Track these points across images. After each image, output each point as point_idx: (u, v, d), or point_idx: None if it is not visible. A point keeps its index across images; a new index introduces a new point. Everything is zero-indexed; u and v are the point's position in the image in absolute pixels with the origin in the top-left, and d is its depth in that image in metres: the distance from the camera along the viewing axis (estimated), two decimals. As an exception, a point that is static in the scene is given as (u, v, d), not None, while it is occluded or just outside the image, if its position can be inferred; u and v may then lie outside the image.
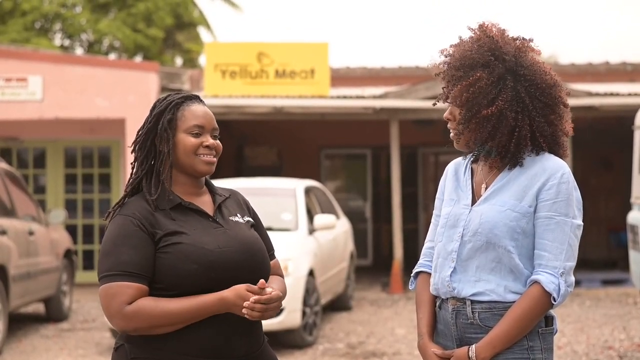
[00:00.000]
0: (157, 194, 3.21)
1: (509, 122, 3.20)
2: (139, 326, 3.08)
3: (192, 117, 3.27)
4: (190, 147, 3.24)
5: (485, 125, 3.22)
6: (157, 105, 3.32)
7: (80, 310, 13.42)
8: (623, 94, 15.00)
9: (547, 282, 3.13)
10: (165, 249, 3.13)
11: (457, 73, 3.27)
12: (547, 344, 3.24)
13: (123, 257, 3.10)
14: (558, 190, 3.18)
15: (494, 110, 3.20)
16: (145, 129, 3.29)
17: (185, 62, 30.84)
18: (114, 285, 3.09)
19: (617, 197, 18.51)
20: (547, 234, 3.17)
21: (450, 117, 3.32)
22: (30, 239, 11.37)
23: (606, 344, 10.21)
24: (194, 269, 3.11)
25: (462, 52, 3.29)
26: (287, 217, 11.39)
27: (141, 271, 3.10)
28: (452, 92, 3.29)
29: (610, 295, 14.26)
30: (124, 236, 3.13)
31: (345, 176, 20.48)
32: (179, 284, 3.11)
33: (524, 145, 3.22)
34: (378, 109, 14.95)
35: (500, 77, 3.23)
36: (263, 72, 15.79)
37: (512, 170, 3.26)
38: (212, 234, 3.21)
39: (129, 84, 15.33)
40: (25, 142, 16.80)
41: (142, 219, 3.15)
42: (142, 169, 3.28)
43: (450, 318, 3.29)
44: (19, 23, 26.74)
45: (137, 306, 3.06)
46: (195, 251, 3.13)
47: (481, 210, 3.25)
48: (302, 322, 10.27)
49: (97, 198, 16.81)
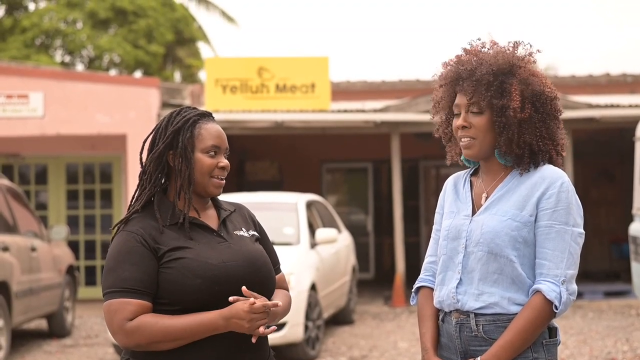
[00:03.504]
0: (167, 211, 3.22)
1: (535, 127, 3.22)
2: (140, 342, 3.08)
3: (210, 136, 3.26)
4: (207, 167, 3.23)
5: (513, 129, 3.23)
6: (172, 120, 3.28)
7: (82, 326, 13.42)
8: (624, 106, 15.01)
9: (549, 290, 3.13)
10: (169, 264, 3.13)
11: (487, 78, 3.26)
12: (551, 356, 3.24)
13: (124, 274, 3.11)
14: (558, 198, 3.19)
15: (526, 115, 3.22)
16: (162, 145, 3.24)
17: (185, 77, 30.91)
18: (114, 302, 3.10)
19: (619, 209, 18.52)
20: (547, 243, 3.18)
21: (467, 124, 3.29)
22: (33, 255, 11.37)
23: (609, 355, 10.20)
24: (197, 284, 3.11)
25: (485, 58, 3.31)
26: (289, 232, 11.39)
27: (142, 287, 3.10)
28: (473, 98, 3.27)
29: (612, 307, 14.25)
30: (126, 252, 3.14)
31: (347, 190, 20.48)
32: (182, 299, 3.11)
33: (543, 151, 3.25)
34: (379, 122, 14.97)
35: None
36: (264, 87, 15.81)
37: (512, 181, 3.27)
38: (216, 248, 3.21)
39: (130, 99, 15.36)
40: (27, 159, 16.82)
41: (144, 235, 3.15)
42: (155, 185, 3.26)
43: (454, 331, 3.30)
44: (19, 40, 26.82)
45: (138, 322, 3.07)
46: (199, 266, 3.13)
47: (482, 220, 3.26)
48: (304, 336, 10.27)
49: (99, 214, 16.82)
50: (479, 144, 3.29)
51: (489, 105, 3.25)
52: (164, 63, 29.95)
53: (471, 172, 3.45)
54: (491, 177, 3.34)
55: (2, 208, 11.05)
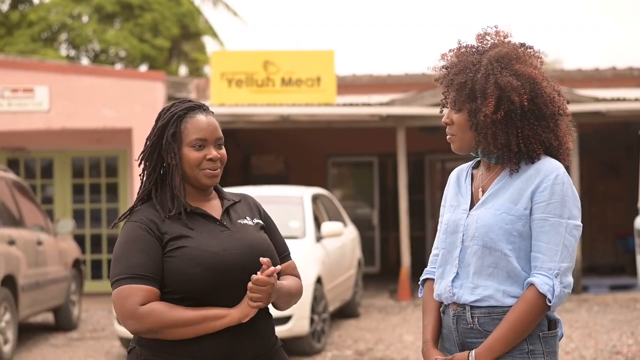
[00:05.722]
0: (168, 203, 3.27)
1: (514, 128, 3.23)
2: (152, 327, 3.11)
3: (194, 130, 3.29)
4: (194, 161, 3.28)
5: (487, 131, 3.25)
6: (161, 116, 3.35)
7: (89, 320, 13.45)
8: (630, 100, 14.99)
9: (541, 283, 3.14)
10: (171, 253, 3.18)
11: (456, 78, 3.29)
12: (549, 348, 3.24)
13: (133, 261, 3.15)
14: (552, 191, 3.19)
15: (499, 117, 3.22)
16: (151, 142, 3.33)
17: (191, 71, 30.91)
18: (125, 287, 3.13)
19: (624, 203, 18.50)
20: (541, 236, 3.19)
21: (448, 121, 3.35)
22: (39, 249, 11.40)
23: (614, 349, 10.20)
24: (198, 272, 3.14)
25: (462, 56, 3.33)
26: (295, 225, 11.40)
27: (151, 273, 3.15)
28: (452, 96, 3.32)
29: (618, 301, 14.24)
30: (133, 241, 3.19)
31: (352, 184, 20.49)
32: (184, 287, 3.15)
33: (524, 151, 3.24)
34: (384, 116, 14.97)
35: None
36: (269, 81, 15.80)
37: (508, 174, 3.28)
38: (217, 237, 3.25)
39: (136, 93, 15.38)
40: (33, 153, 16.85)
41: (149, 223, 3.21)
42: (150, 180, 3.33)
43: (452, 323, 3.32)
44: (26, 34, 26.83)
45: (150, 308, 3.11)
46: (200, 254, 3.17)
47: (477, 215, 3.28)
48: (310, 329, 10.29)
49: (104, 208, 16.85)
50: (458, 140, 3.34)
51: (465, 105, 3.29)
52: (169, 57, 29.96)
53: (474, 164, 3.48)
54: (488, 170, 3.36)
55: (8, 202, 11.08)
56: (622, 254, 18.21)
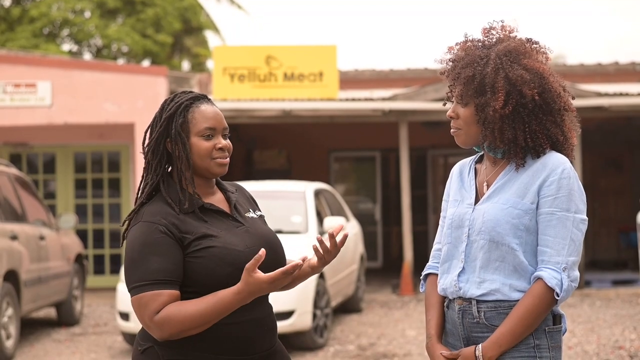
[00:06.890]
0: (180, 198, 3.18)
1: (521, 123, 3.22)
2: (172, 332, 3.04)
3: (203, 119, 3.24)
4: (205, 151, 3.21)
5: (494, 126, 3.24)
6: (166, 107, 3.27)
7: (91, 315, 13.46)
8: (632, 94, 14.97)
9: (549, 277, 3.14)
10: (197, 254, 3.10)
11: (464, 71, 3.29)
12: (554, 342, 3.24)
13: (153, 266, 3.05)
14: (559, 185, 3.19)
15: (507, 111, 3.22)
16: (157, 133, 3.24)
17: (193, 66, 30.89)
18: (146, 295, 3.04)
19: (627, 198, 18.50)
20: (549, 230, 3.19)
21: (454, 114, 3.34)
22: (41, 244, 11.40)
23: (617, 344, 10.20)
24: (229, 272, 3.09)
25: (469, 50, 3.32)
26: (297, 220, 11.40)
27: (172, 277, 3.06)
28: (458, 90, 3.31)
29: (620, 296, 14.24)
30: (152, 244, 3.08)
31: (355, 179, 20.48)
32: (212, 288, 3.08)
33: (531, 146, 3.24)
34: (387, 111, 14.96)
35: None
36: (271, 75, 15.79)
37: (513, 169, 3.27)
38: (237, 233, 3.21)
39: (138, 88, 15.37)
40: (35, 148, 16.85)
41: (168, 224, 3.11)
42: (157, 173, 3.24)
43: (457, 318, 3.31)
44: (28, 30, 26.82)
45: (164, 314, 3.02)
46: (229, 254, 3.12)
47: (484, 209, 3.27)
48: (312, 324, 10.29)
49: (107, 203, 16.85)
50: (464, 134, 3.32)
51: (472, 99, 3.27)
52: (171, 52, 29.93)
53: (476, 159, 3.47)
54: (493, 165, 3.35)
55: (10, 197, 11.08)
56: (624, 248, 18.21)
